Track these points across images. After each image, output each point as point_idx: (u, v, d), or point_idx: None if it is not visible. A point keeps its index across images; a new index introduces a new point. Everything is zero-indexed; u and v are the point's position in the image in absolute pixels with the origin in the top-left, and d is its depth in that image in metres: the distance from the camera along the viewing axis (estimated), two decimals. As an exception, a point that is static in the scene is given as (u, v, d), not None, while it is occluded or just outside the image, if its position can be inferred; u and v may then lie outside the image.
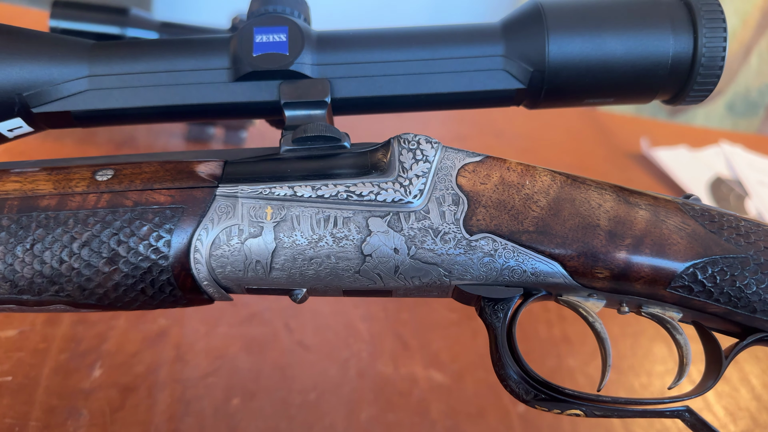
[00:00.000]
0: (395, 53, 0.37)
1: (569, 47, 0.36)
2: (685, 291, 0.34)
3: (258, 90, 0.36)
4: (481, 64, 0.37)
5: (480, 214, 0.33)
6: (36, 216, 0.32)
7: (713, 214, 0.35)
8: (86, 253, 0.31)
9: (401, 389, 0.56)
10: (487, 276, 0.33)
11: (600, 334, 0.35)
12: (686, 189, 1.01)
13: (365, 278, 0.33)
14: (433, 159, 0.34)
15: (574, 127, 1.21)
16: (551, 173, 0.35)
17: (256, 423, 0.50)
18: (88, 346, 0.53)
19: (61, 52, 0.35)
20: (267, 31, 0.36)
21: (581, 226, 0.33)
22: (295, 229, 0.32)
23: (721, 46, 0.35)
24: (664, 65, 0.36)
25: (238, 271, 0.32)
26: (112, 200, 0.32)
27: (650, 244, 0.33)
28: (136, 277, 0.32)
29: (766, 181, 1.07)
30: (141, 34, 0.69)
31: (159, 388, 0.51)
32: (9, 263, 0.31)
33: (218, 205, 0.32)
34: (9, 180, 0.33)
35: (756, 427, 0.61)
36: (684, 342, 0.35)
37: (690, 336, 0.36)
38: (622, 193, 0.35)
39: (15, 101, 0.35)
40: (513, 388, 0.34)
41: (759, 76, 1.39)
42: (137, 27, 0.69)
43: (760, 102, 1.42)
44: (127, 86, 0.36)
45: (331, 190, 0.33)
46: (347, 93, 0.37)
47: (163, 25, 0.69)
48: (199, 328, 0.57)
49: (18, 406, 0.48)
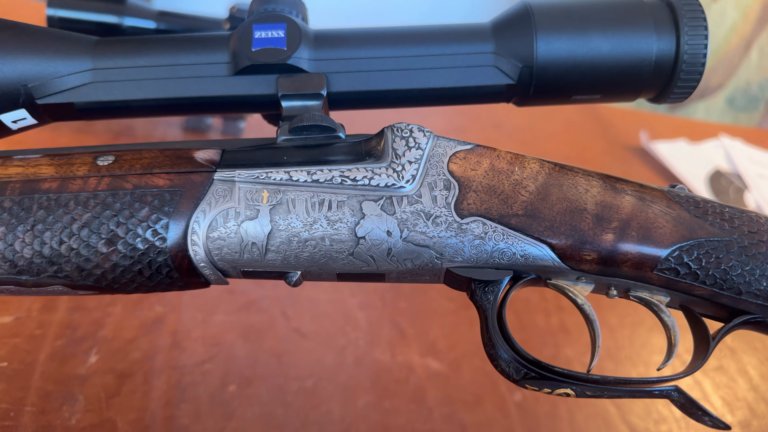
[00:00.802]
0: (389, 50, 0.38)
1: (556, 45, 0.37)
2: (671, 273, 0.35)
3: (256, 83, 0.37)
4: (472, 60, 0.38)
5: (470, 198, 0.34)
6: (38, 198, 0.32)
7: (698, 200, 0.36)
8: (86, 234, 0.32)
9: (398, 377, 0.56)
10: (478, 258, 0.34)
11: (589, 316, 0.35)
12: (685, 182, 1.01)
13: (359, 260, 0.33)
14: (425, 146, 0.35)
15: (574, 119, 1.20)
16: (540, 161, 0.36)
17: (252, 409, 0.51)
18: (85, 332, 0.53)
19: (66, 46, 0.36)
20: (266, 27, 0.37)
21: (569, 210, 0.34)
22: (290, 212, 0.33)
23: (702, 44, 0.37)
24: (648, 64, 0.37)
25: (234, 253, 0.33)
26: (113, 183, 0.33)
27: (636, 227, 0.34)
28: (134, 257, 0.32)
29: (765, 174, 1.07)
30: (138, 23, 0.69)
31: (155, 375, 0.51)
32: (9, 243, 0.32)
33: (216, 189, 0.33)
34: (12, 165, 0.34)
35: (753, 418, 0.61)
36: (671, 323, 0.36)
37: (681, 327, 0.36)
38: (608, 180, 0.36)
39: (20, 92, 0.35)
40: (503, 368, 0.35)
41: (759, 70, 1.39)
42: (134, 16, 0.69)
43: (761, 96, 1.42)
44: (129, 79, 0.36)
45: (326, 175, 0.33)
46: (343, 87, 0.38)
47: (160, 14, 0.69)
48: (196, 316, 0.57)
49: (13, 391, 0.48)
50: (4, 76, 0.35)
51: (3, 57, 0.35)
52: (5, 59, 0.35)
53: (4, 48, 0.35)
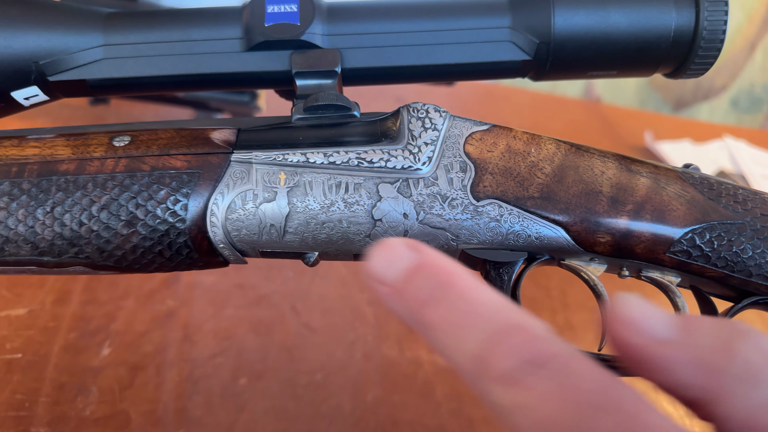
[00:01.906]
0: (404, 24, 0.37)
1: (574, 20, 0.36)
2: (684, 255, 0.35)
3: (270, 60, 0.36)
4: (488, 35, 0.37)
5: (487, 180, 0.34)
6: (56, 180, 0.32)
7: (711, 182, 0.36)
8: (105, 216, 0.32)
9: (406, 372, 0.57)
10: (493, 240, 0.34)
11: (601, 296, 0.36)
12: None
13: (376, 242, 0.34)
14: (441, 127, 0.35)
15: (579, 119, 1.21)
16: (556, 142, 0.36)
17: (263, 402, 0.51)
18: (97, 325, 0.54)
19: (77, 21, 0.36)
20: (278, 2, 0.36)
21: (584, 192, 0.34)
22: (307, 195, 0.33)
23: (722, 20, 0.36)
24: (666, 38, 0.37)
25: (253, 235, 0.33)
26: (130, 165, 0.33)
27: (651, 209, 0.34)
28: (154, 239, 0.33)
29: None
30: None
31: (167, 368, 0.52)
32: (30, 225, 0.32)
33: (233, 171, 0.33)
34: (28, 145, 0.34)
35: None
36: (682, 304, 0.36)
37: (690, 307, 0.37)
38: (624, 161, 0.36)
39: (32, 69, 0.35)
40: None
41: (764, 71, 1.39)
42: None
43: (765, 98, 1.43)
44: (141, 55, 0.36)
45: (342, 157, 0.33)
46: (357, 63, 0.37)
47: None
48: (207, 309, 0.58)
49: (28, 382, 0.48)
50: (15, 53, 0.34)
51: (14, 34, 0.34)
52: (16, 36, 0.34)
53: (14, 25, 0.34)
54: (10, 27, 0.34)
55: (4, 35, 0.34)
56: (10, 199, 0.32)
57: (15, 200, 0.32)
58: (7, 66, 0.34)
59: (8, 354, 0.50)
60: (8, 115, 0.37)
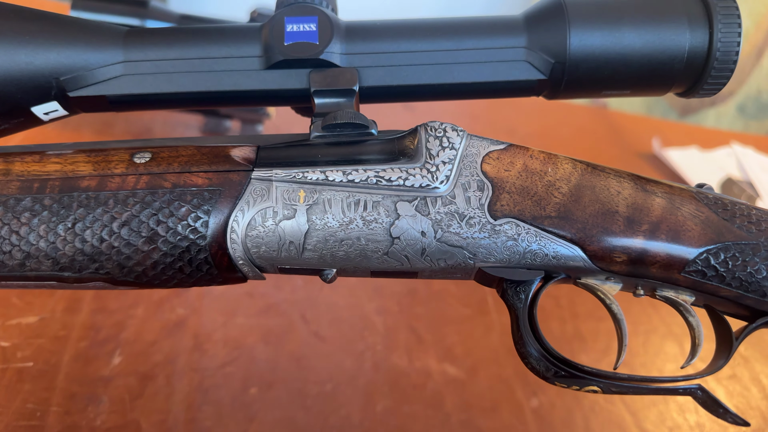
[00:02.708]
0: (421, 43, 0.38)
1: (589, 40, 0.37)
2: (698, 275, 0.35)
3: (288, 78, 0.37)
4: (504, 55, 0.38)
5: (504, 199, 0.34)
6: (77, 196, 0.33)
7: (726, 202, 0.37)
8: (126, 233, 0.32)
9: (416, 382, 0.57)
10: (510, 259, 0.34)
11: (616, 315, 0.36)
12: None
13: (393, 259, 0.34)
14: (458, 146, 0.35)
15: (586, 125, 1.21)
16: (572, 161, 0.36)
17: (273, 412, 0.51)
18: (107, 334, 0.54)
19: (97, 38, 0.36)
20: (298, 21, 0.37)
21: (601, 212, 0.34)
22: (326, 212, 0.33)
23: (735, 41, 0.36)
24: (680, 59, 0.37)
25: (272, 252, 0.33)
26: (151, 182, 0.33)
27: (666, 230, 0.35)
28: (175, 255, 0.33)
29: (777, 182, 1.07)
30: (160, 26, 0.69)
31: (177, 377, 0.52)
32: (51, 241, 0.32)
33: (253, 188, 0.33)
34: (50, 161, 0.34)
35: (767, 426, 0.61)
36: (696, 323, 0.36)
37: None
38: (639, 181, 0.36)
39: (52, 85, 0.35)
40: (534, 366, 0.35)
41: (770, 78, 1.39)
42: (157, 19, 0.69)
43: (772, 104, 1.42)
44: (160, 72, 0.36)
45: (361, 175, 0.34)
46: (374, 82, 0.37)
47: (182, 17, 0.70)
48: (217, 318, 0.58)
49: (39, 392, 0.48)
50: (36, 69, 0.35)
51: (35, 50, 0.35)
52: (37, 52, 0.35)
53: (36, 41, 0.35)
54: (31, 43, 0.34)
55: (26, 51, 0.34)
56: (32, 215, 0.32)
57: (37, 216, 0.32)
58: (28, 81, 0.35)
59: (19, 362, 0.50)
60: (26, 129, 0.37)
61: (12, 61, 0.34)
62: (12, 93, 0.35)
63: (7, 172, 0.33)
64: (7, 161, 0.34)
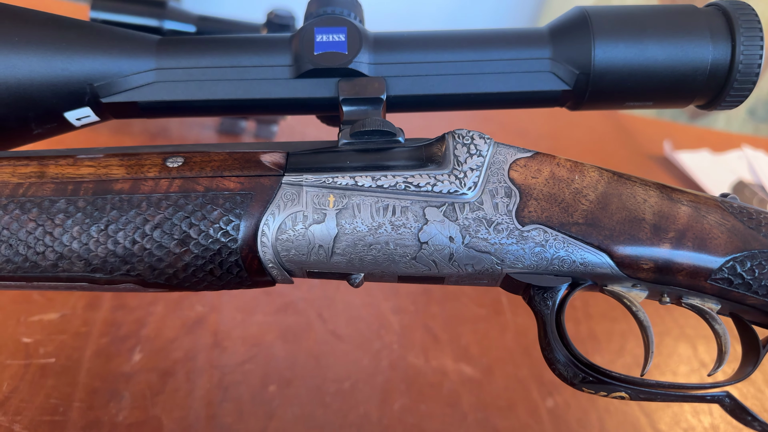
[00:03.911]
0: (447, 54, 0.38)
1: (614, 52, 0.37)
2: (724, 283, 0.35)
3: (318, 87, 0.37)
4: (529, 66, 0.38)
5: (531, 206, 0.34)
6: (111, 198, 0.33)
7: (751, 211, 0.37)
8: (158, 235, 0.33)
9: (432, 381, 0.57)
10: (538, 265, 0.34)
11: (643, 322, 0.36)
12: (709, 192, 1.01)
13: (421, 264, 0.34)
14: (486, 153, 0.35)
15: (597, 128, 1.21)
16: (599, 169, 0.37)
17: (292, 410, 0.52)
18: (128, 330, 0.54)
19: (130, 46, 0.37)
20: (327, 31, 0.37)
21: (628, 220, 0.35)
22: (355, 217, 0.33)
23: (757, 54, 0.36)
24: (703, 72, 0.37)
25: (302, 255, 0.34)
26: (184, 185, 0.34)
27: (692, 237, 0.35)
28: (206, 258, 0.33)
29: (789, 185, 1.07)
30: (179, 27, 0.70)
31: (197, 374, 0.52)
32: (84, 242, 0.33)
33: (284, 193, 0.34)
34: (83, 165, 0.35)
35: (781, 428, 0.61)
36: (723, 331, 0.36)
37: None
38: (665, 190, 0.37)
39: (86, 91, 0.36)
40: (561, 372, 0.35)
41: (781, 81, 1.39)
42: (175, 20, 0.70)
43: (782, 107, 1.42)
44: (192, 80, 0.37)
45: (390, 181, 0.34)
46: (401, 91, 0.38)
47: (200, 18, 0.71)
48: (236, 316, 0.58)
49: (62, 387, 0.49)
50: (71, 75, 0.35)
51: (71, 56, 0.35)
52: (73, 59, 0.35)
53: (71, 47, 0.35)
54: (68, 50, 0.35)
55: (62, 58, 0.35)
56: (66, 216, 0.33)
57: (70, 217, 0.33)
58: (63, 87, 0.35)
59: (42, 358, 0.50)
60: (58, 134, 0.38)
61: (49, 67, 0.35)
62: (47, 98, 0.35)
63: (42, 175, 0.34)
64: (41, 164, 0.34)
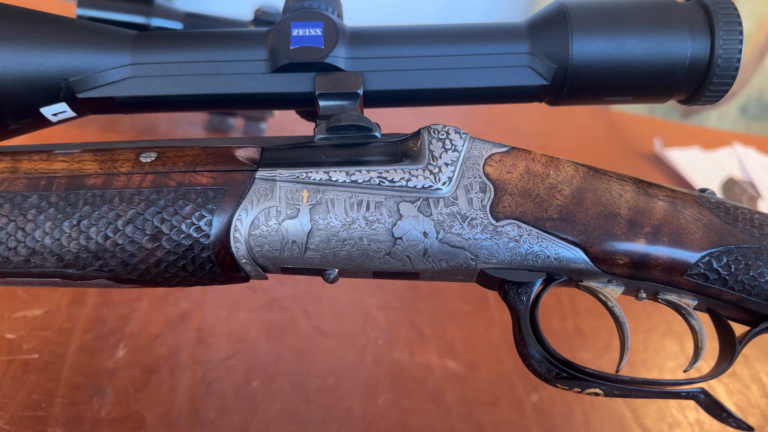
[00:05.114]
0: (425, 49, 0.38)
1: (592, 46, 0.37)
2: (700, 278, 0.35)
3: (294, 81, 0.37)
4: (507, 60, 0.38)
5: (506, 201, 0.34)
6: (83, 194, 0.33)
7: (728, 206, 0.37)
8: (130, 230, 0.33)
9: (417, 376, 0.57)
10: (512, 260, 0.34)
11: (618, 318, 0.36)
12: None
13: (395, 260, 0.34)
14: (461, 148, 0.35)
15: (588, 125, 1.21)
16: (574, 164, 0.36)
17: (275, 405, 0.52)
18: (112, 327, 0.55)
19: (106, 41, 0.37)
20: (303, 26, 0.37)
21: (603, 215, 0.35)
22: (329, 212, 0.33)
23: (736, 49, 0.36)
24: (682, 66, 0.37)
25: (275, 251, 0.34)
26: (156, 180, 0.34)
27: (668, 232, 0.35)
28: (178, 254, 0.33)
29: (778, 182, 1.07)
30: (165, 24, 0.70)
31: (181, 370, 0.52)
32: (56, 238, 0.33)
33: (257, 188, 0.34)
34: (57, 160, 0.34)
35: (767, 424, 0.61)
36: (699, 327, 0.37)
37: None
38: (641, 185, 0.37)
39: (61, 86, 0.36)
40: (535, 368, 0.35)
41: (773, 79, 1.39)
42: (162, 17, 0.70)
43: (774, 105, 1.43)
44: (168, 74, 0.37)
45: (364, 176, 0.34)
46: (378, 86, 0.38)
47: (187, 15, 0.70)
48: (220, 312, 0.58)
49: (44, 383, 0.49)
50: (45, 70, 0.35)
51: (45, 51, 0.35)
52: (47, 54, 0.35)
53: (45, 42, 0.35)
54: (42, 45, 0.35)
55: (36, 53, 0.35)
56: (38, 212, 0.33)
57: (43, 213, 0.33)
58: (38, 83, 0.35)
59: (25, 354, 0.50)
60: (35, 130, 0.38)
61: (23, 62, 0.35)
62: (22, 93, 0.35)
63: (15, 170, 0.34)
64: (15, 159, 0.34)
